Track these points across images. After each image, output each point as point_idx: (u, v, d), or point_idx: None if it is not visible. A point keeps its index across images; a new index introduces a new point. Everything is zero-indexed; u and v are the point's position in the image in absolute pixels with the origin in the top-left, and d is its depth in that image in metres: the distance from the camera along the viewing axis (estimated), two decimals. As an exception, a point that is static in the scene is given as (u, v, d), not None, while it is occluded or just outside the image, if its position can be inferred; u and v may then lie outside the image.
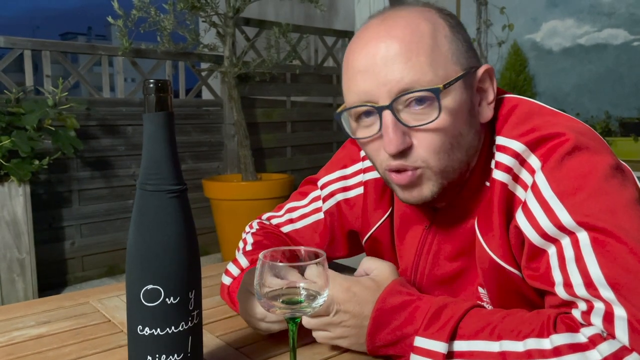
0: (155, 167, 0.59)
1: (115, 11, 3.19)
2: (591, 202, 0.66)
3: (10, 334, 0.86)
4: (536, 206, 0.69)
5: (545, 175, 0.69)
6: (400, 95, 0.71)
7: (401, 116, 0.73)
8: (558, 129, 0.72)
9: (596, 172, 0.68)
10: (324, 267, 0.62)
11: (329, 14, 4.70)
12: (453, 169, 0.76)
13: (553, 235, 0.67)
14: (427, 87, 0.70)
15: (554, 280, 0.67)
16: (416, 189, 0.76)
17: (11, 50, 3.15)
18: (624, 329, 0.59)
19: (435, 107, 0.71)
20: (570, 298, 0.65)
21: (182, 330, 0.60)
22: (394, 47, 0.72)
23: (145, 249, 0.60)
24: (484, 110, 0.78)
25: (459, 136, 0.74)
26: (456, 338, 0.67)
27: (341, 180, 1.00)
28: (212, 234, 3.73)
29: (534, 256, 0.70)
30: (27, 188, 2.83)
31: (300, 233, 1.03)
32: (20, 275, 2.83)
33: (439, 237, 0.86)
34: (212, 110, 3.95)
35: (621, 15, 3.47)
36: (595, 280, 0.62)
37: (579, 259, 0.64)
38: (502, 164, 0.74)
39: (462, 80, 0.73)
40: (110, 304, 0.99)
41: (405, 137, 0.73)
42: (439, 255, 0.86)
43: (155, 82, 0.58)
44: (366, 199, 0.96)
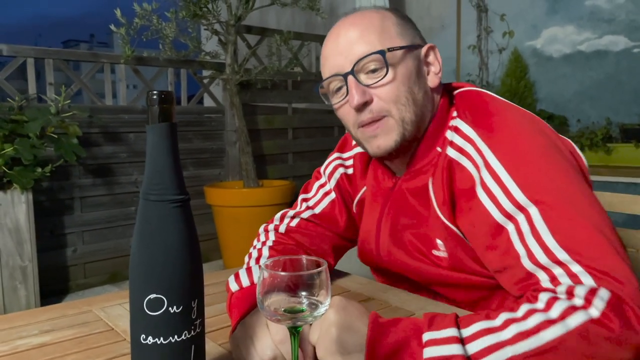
0: (159, 177, 0.60)
1: (118, 19, 3.21)
2: (537, 177, 0.80)
3: (14, 343, 0.86)
4: (494, 186, 0.83)
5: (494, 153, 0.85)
6: (358, 61, 0.92)
7: (361, 78, 0.94)
8: (502, 111, 0.90)
9: (538, 148, 0.83)
10: (325, 274, 0.63)
11: (330, 21, 4.71)
12: (411, 120, 0.94)
13: (511, 212, 0.80)
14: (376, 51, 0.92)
15: (518, 253, 0.78)
16: (382, 137, 0.94)
17: (14, 58, 3.17)
18: (586, 276, 0.71)
19: (384, 70, 0.92)
20: (533, 268, 0.76)
21: (185, 339, 0.61)
22: (353, 31, 0.95)
23: (149, 258, 0.60)
24: (432, 78, 0.99)
25: (411, 92, 0.94)
26: (461, 327, 0.69)
27: (339, 159, 1.19)
28: (213, 241, 3.73)
29: (496, 233, 0.82)
30: (30, 195, 2.84)
31: (321, 216, 1.14)
32: (22, 282, 2.83)
33: (400, 196, 1.02)
34: (214, 117, 3.96)
35: (621, 22, 3.48)
36: (551, 247, 0.74)
37: (534, 232, 0.77)
38: (454, 143, 0.92)
39: (406, 51, 0.95)
40: (113, 313, 0.99)
41: (365, 93, 0.93)
42: (400, 212, 1.02)
43: (159, 93, 0.59)
44: (355, 169, 1.15)
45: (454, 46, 4.35)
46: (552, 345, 0.65)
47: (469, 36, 4.27)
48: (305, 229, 1.11)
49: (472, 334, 0.68)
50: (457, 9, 4.27)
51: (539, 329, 0.66)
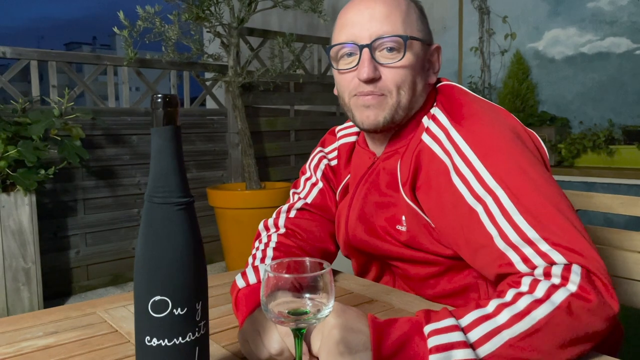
0: (163, 179, 0.60)
1: (121, 22, 3.22)
2: (504, 164, 0.86)
3: (19, 345, 0.87)
4: (467, 170, 0.89)
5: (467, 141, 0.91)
6: (378, 38, 0.96)
7: (376, 55, 0.97)
8: (471, 104, 0.98)
9: (504, 137, 0.90)
10: (329, 276, 0.63)
11: (332, 24, 4.72)
12: (403, 107, 0.99)
13: (481, 195, 0.86)
14: (399, 34, 0.96)
15: (490, 234, 0.84)
16: (374, 111, 0.98)
17: (17, 60, 3.18)
18: (556, 255, 0.76)
19: (401, 53, 0.96)
20: (505, 247, 0.81)
21: (189, 341, 0.61)
22: (381, 7, 0.98)
23: (153, 260, 0.60)
24: (431, 75, 1.05)
25: (415, 83, 1.00)
26: (457, 318, 0.72)
27: (321, 152, 1.25)
28: (216, 243, 3.74)
29: (469, 215, 0.87)
30: (33, 197, 2.85)
31: (314, 205, 1.19)
32: (25, 284, 2.84)
33: (375, 173, 1.08)
34: (217, 120, 3.97)
35: (623, 24, 3.48)
36: (521, 226, 0.80)
37: (504, 212, 0.83)
38: (430, 130, 0.98)
39: (420, 44, 1.00)
40: (117, 314, 0.99)
41: (376, 70, 0.97)
42: (372, 189, 1.08)
43: (163, 96, 0.60)
44: (339, 160, 1.21)
45: (456, 48, 4.35)
46: (543, 322, 0.70)
47: (471, 38, 4.28)
48: (303, 217, 1.17)
49: (469, 323, 0.71)
50: (459, 10, 4.28)
51: (529, 310, 0.71)
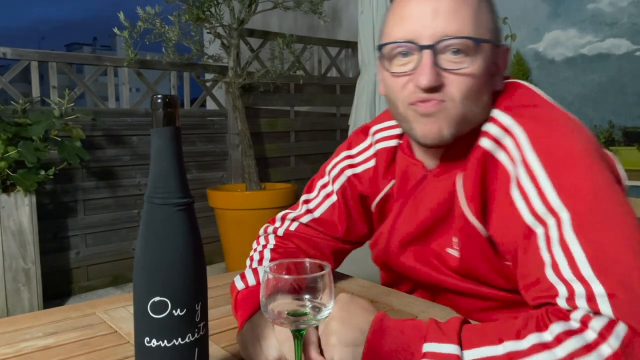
0: (163, 180, 0.60)
1: (121, 22, 3.22)
2: (576, 182, 0.73)
3: (18, 345, 0.87)
4: (529, 184, 0.77)
5: (535, 149, 0.78)
6: (443, 38, 0.80)
7: (439, 58, 0.81)
8: (545, 106, 0.84)
9: (583, 150, 0.77)
10: (328, 278, 0.63)
11: (332, 25, 4.73)
12: (468, 121, 0.85)
13: (542, 215, 0.74)
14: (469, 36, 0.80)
15: (543, 261, 0.72)
16: (437, 122, 0.83)
17: (18, 61, 3.18)
18: (606, 304, 0.64)
19: (468, 58, 0.81)
20: (556, 280, 0.70)
21: (189, 342, 0.61)
22: (446, 1, 0.81)
23: (153, 261, 0.60)
24: (495, 81, 0.88)
25: (480, 92, 0.84)
26: (463, 347, 0.67)
27: (347, 159, 1.09)
28: (216, 244, 3.74)
29: (525, 236, 0.76)
30: (33, 198, 2.85)
31: (320, 221, 1.08)
32: (25, 285, 2.84)
33: (425, 190, 0.95)
34: (217, 120, 3.97)
35: (623, 25, 3.48)
36: (577, 259, 0.68)
37: (562, 241, 0.70)
38: (489, 133, 0.85)
39: (491, 46, 0.84)
40: (117, 315, 0.99)
41: (438, 77, 0.81)
42: (420, 206, 0.96)
43: (163, 97, 0.60)
44: (377, 167, 1.05)
45: (456, 49, 4.35)
46: None
47: (471, 39, 4.28)
48: (304, 234, 1.08)
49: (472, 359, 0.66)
50: (459, 12, 4.28)
51: None
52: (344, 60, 4.81)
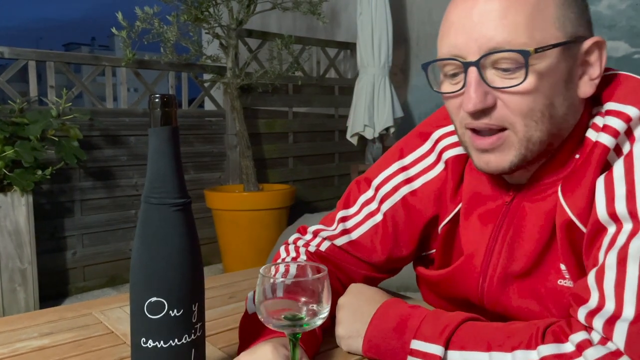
0: (160, 180, 0.60)
1: (119, 22, 3.21)
2: None
3: (13, 345, 0.86)
4: (621, 180, 0.66)
5: None
6: (488, 53, 0.69)
7: (487, 75, 0.70)
8: None
9: None
10: (325, 281, 0.63)
11: (331, 26, 4.73)
12: (540, 141, 0.72)
13: (621, 216, 0.65)
14: (517, 49, 0.67)
15: (598, 260, 0.65)
16: (496, 154, 0.73)
17: (16, 61, 3.17)
18: (622, 332, 0.59)
19: (521, 74, 0.68)
20: (594, 286, 0.64)
21: (185, 343, 0.61)
22: (494, 3, 0.69)
23: (149, 261, 0.60)
24: (585, 85, 0.73)
25: (550, 106, 0.70)
26: (449, 347, 0.69)
27: (401, 172, 0.92)
28: (213, 245, 3.73)
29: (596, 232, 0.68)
30: (30, 198, 2.84)
31: (357, 244, 0.93)
32: (21, 285, 2.83)
33: (520, 213, 0.79)
34: (215, 121, 3.96)
35: (622, 28, 3.49)
36: (627, 279, 0.61)
37: (622, 251, 0.62)
38: (612, 127, 0.69)
39: (561, 48, 0.69)
40: (113, 316, 0.99)
41: (487, 96, 0.70)
42: (520, 234, 0.79)
43: (161, 96, 0.59)
44: (448, 182, 0.89)
45: (455, 51, 4.35)
46: None
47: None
48: (336, 257, 0.93)
49: None
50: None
51: None
52: (343, 62, 4.81)
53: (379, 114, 3.91)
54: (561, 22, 0.70)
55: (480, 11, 0.69)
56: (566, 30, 0.70)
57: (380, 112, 3.90)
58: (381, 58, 3.92)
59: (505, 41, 0.68)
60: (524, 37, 0.68)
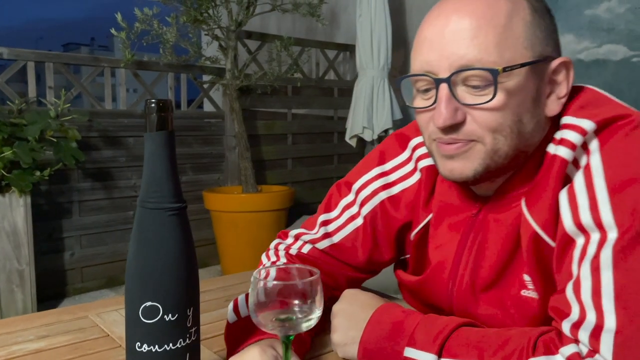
0: (156, 185, 0.60)
1: (119, 23, 3.21)
2: (638, 200, 0.64)
3: (10, 348, 0.86)
4: (583, 192, 0.67)
5: (602, 158, 0.68)
6: (459, 70, 0.70)
7: (458, 92, 0.72)
8: (627, 112, 0.71)
9: None
10: (318, 284, 0.63)
11: (330, 28, 4.73)
12: (506, 155, 0.73)
13: (587, 227, 0.66)
14: (487, 67, 0.69)
15: (572, 274, 0.66)
16: (460, 162, 0.74)
17: (15, 61, 3.17)
18: (609, 344, 0.60)
19: (491, 89, 0.70)
20: (572, 298, 0.65)
21: (180, 347, 0.61)
22: (465, 21, 0.71)
23: (145, 266, 0.60)
24: (552, 104, 0.75)
25: (518, 123, 0.72)
26: (443, 355, 0.69)
27: (381, 177, 0.95)
28: (211, 246, 3.72)
29: (565, 245, 0.69)
30: (28, 199, 2.83)
31: (339, 247, 0.96)
32: (19, 286, 2.83)
33: (485, 226, 0.81)
34: (214, 122, 3.97)
35: (620, 32, 3.49)
36: (602, 288, 0.62)
37: (595, 262, 0.63)
38: (568, 141, 0.72)
39: (529, 67, 0.71)
40: (109, 319, 0.99)
41: (457, 112, 0.71)
42: (485, 246, 0.81)
43: (157, 102, 0.59)
44: (420, 191, 0.91)
45: (454, 54, 4.35)
46: None
47: (469, 44, 4.28)
48: (318, 259, 0.95)
49: None
50: (457, 16, 4.28)
51: None
52: (342, 63, 4.81)
53: (377, 116, 3.91)
54: (530, 42, 0.72)
55: (453, 29, 0.71)
56: (534, 50, 0.72)
57: (379, 114, 3.90)
58: (380, 60, 3.92)
59: (475, 59, 0.70)
60: (494, 56, 0.69)
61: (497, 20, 0.70)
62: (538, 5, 0.75)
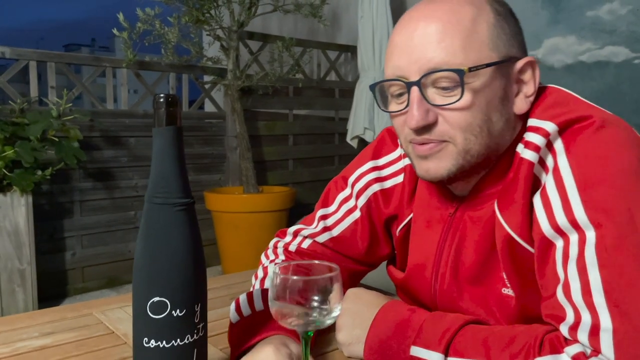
0: (164, 180, 0.60)
1: (121, 24, 3.21)
2: (610, 198, 0.65)
3: (14, 345, 0.86)
4: (555, 194, 0.70)
5: (569, 159, 0.70)
6: (428, 73, 0.73)
7: (428, 94, 0.75)
8: (589, 112, 0.73)
9: (622, 164, 0.68)
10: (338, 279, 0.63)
11: (332, 29, 4.74)
12: (478, 154, 0.76)
13: (564, 229, 0.68)
14: (453, 68, 0.72)
15: (559, 278, 0.67)
16: (434, 162, 0.77)
17: (17, 61, 3.17)
18: (609, 343, 0.60)
19: (459, 90, 0.73)
20: (564, 301, 0.65)
21: (188, 343, 0.61)
22: (432, 27, 0.74)
23: (152, 261, 0.60)
24: (521, 102, 0.78)
25: (488, 121, 0.75)
26: (449, 354, 0.69)
27: (374, 170, 0.98)
28: (212, 247, 3.72)
29: (543, 248, 0.70)
30: (30, 198, 2.83)
31: (339, 240, 0.98)
32: (20, 285, 2.83)
33: (463, 224, 0.84)
34: (215, 123, 3.97)
35: (622, 33, 3.50)
36: (591, 284, 0.63)
37: (580, 260, 0.65)
38: (532, 143, 0.74)
39: (495, 68, 0.74)
40: (114, 316, 0.99)
41: (428, 113, 0.74)
42: (463, 244, 0.84)
43: (166, 96, 0.59)
44: (405, 188, 0.94)
45: (455, 55, 4.36)
46: None
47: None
48: (319, 253, 0.98)
49: None
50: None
51: None
52: (343, 64, 4.81)
53: (379, 117, 3.91)
54: (494, 43, 0.75)
55: (420, 35, 0.74)
56: (499, 51, 0.75)
57: (381, 115, 3.90)
58: (382, 61, 3.92)
59: (442, 62, 0.73)
60: (460, 58, 0.72)
61: (462, 24, 0.74)
62: (502, 9, 0.78)
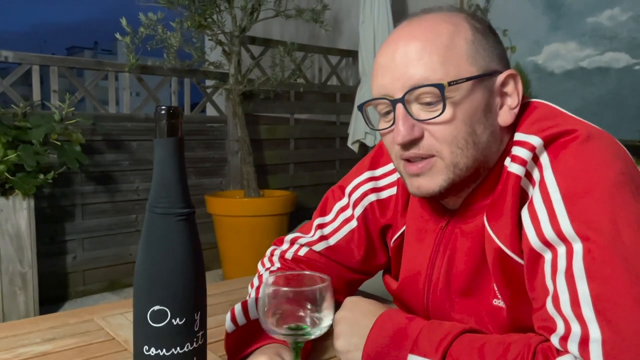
0: (165, 190, 0.61)
1: (123, 28, 3.23)
2: (596, 210, 0.67)
3: (16, 351, 0.87)
4: (541, 207, 0.71)
5: (554, 172, 0.72)
6: (410, 89, 0.76)
7: (412, 110, 0.77)
8: (574, 126, 0.75)
9: (607, 176, 0.69)
10: (328, 290, 0.63)
11: (333, 34, 4.75)
12: (466, 167, 0.78)
13: (552, 241, 0.69)
14: (434, 83, 0.75)
15: (548, 290, 0.69)
16: (425, 178, 0.79)
17: (19, 65, 3.19)
18: (598, 353, 0.60)
19: (441, 104, 0.75)
20: (554, 313, 0.67)
21: (187, 351, 0.61)
22: (411, 46, 0.77)
23: (153, 270, 0.61)
24: (505, 114, 0.80)
25: (473, 134, 0.77)
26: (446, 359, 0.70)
27: (371, 181, 1.00)
28: (213, 250, 3.73)
29: (531, 260, 0.72)
30: (32, 202, 2.85)
31: (335, 249, 1.00)
32: (22, 288, 2.83)
33: (454, 237, 0.86)
34: (216, 127, 3.98)
35: (623, 39, 3.50)
36: (580, 295, 0.64)
37: (568, 272, 0.66)
38: (519, 157, 0.76)
39: (476, 81, 0.76)
40: (115, 322, 1.00)
41: (414, 128, 0.77)
42: (454, 256, 0.85)
43: (167, 108, 0.60)
44: (398, 200, 0.96)
45: (456, 60, 4.36)
46: None
47: (472, 50, 4.29)
48: (315, 261, 0.99)
49: None
50: (459, 23, 4.29)
51: None
52: (345, 69, 4.82)
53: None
54: (473, 58, 0.77)
55: (401, 54, 0.77)
56: (478, 65, 0.77)
57: (382, 120, 3.91)
58: (383, 66, 3.93)
59: (423, 78, 0.75)
60: (440, 73, 0.75)
61: (440, 42, 0.76)
62: (480, 26, 0.80)
